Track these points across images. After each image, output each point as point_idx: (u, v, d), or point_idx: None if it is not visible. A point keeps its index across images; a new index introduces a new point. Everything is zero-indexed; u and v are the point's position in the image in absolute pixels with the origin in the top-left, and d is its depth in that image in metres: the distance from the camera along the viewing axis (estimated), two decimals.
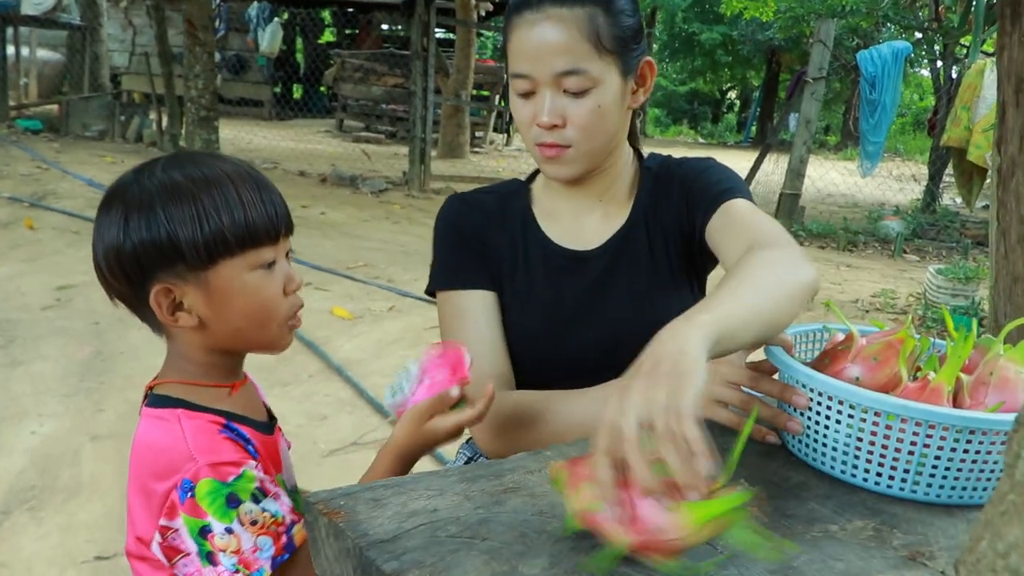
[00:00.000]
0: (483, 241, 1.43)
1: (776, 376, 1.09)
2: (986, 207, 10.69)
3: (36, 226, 6.66)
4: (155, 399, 1.12)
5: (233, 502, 1.03)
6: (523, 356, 1.41)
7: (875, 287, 7.03)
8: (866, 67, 8.55)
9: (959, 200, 9.91)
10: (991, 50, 9.05)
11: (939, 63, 11.27)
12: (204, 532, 1.01)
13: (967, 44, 9.98)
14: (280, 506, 1.07)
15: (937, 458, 0.94)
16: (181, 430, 1.06)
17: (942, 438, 0.93)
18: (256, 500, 1.04)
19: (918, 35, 12.40)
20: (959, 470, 0.95)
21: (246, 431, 1.11)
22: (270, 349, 1.17)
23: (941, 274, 5.99)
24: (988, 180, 8.06)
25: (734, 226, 1.28)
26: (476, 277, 1.41)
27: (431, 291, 1.46)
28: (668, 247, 1.44)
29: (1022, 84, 1.64)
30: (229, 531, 1.02)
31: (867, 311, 6.20)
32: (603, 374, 1.36)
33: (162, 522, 1.03)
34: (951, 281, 5.90)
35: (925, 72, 19.93)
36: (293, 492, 1.20)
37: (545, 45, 1.26)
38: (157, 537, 1.04)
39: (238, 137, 13.11)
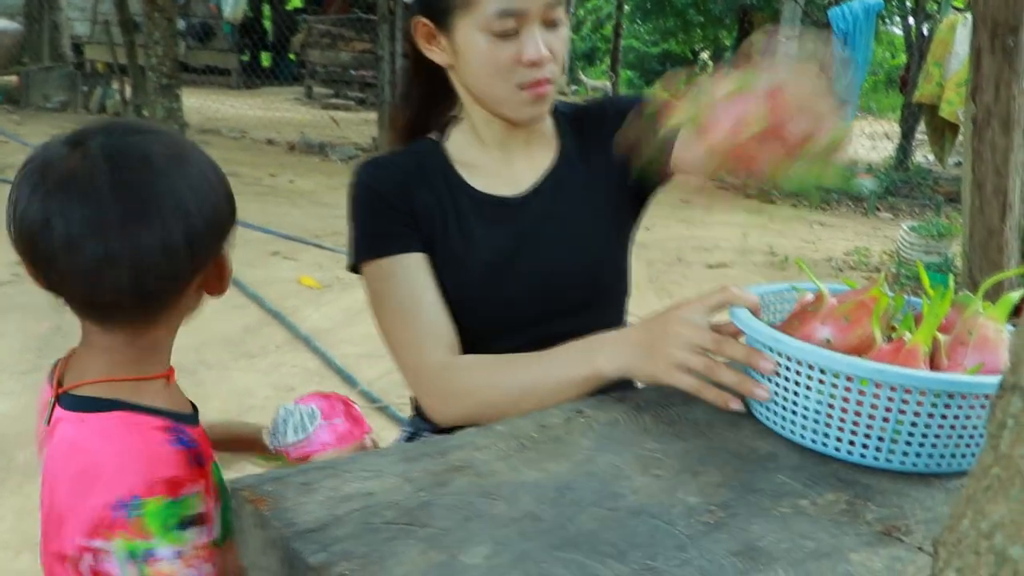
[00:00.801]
0: (409, 202, 1.32)
1: (742, 340, 1.02)
2: (958, 164, 10.69)
3: None
4: (79, 402, 0.98)
5: (185, 523, 0.93)
6: (465, 314, 1.32)
7: (848, 245, 7.01)
8: (838, 24, 8.46)
9: (931, 157, 9.89)
10: (962, 5, 8.99)
11: (910, 19, 11.20)
12: (146, 556, 0.91)
13: (938, 0, 9.92)
14: (217, 527, 0.99)
15: (914, 424, 0.88)
16: (125, 437, 0.95)
17: (919, 403, 0.87)
18: (202, 522, 0.96)
19: None
20: (937, 436, 0.89)
21: (192, 432, 1.01)
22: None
23: (914, 231, 5.97)
24: (960, 136, 8.03)
25: None
26: (408, 240, 1.31)
27: (356, 265, 1.34)
28: (607, 183, 1.41)
29: (999, 29, 1.57)
30: (179, 555, 0.92)
31: (840, 269, 6.18)
32: (550, 321, 1.32)
33: (86, 542, 0.92)
34: (924, 238, 5.88)
35: (896, 30, 19.84)
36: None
37: None
38: (88, 559, 0.93)
39: (204, 106, 12.88)
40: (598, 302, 1.42)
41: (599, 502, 0.82)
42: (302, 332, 4.21)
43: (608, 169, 1.40)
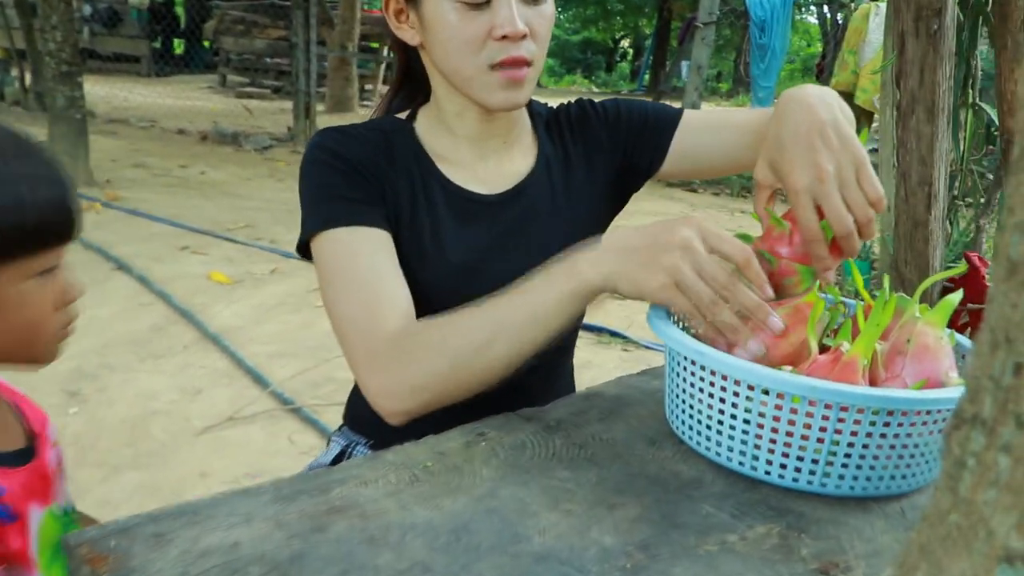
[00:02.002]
0: (379, 177, 1.16)
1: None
2: (873, 150, 10.89)
3: None
4: None
5: None
6: (423, 312, 1.11)
7: None
8: (755, 11, 8.52)
9: None
10: None
11: (825, 8, 11.35)
12: None
13: None
14: None
15: (851, 445, 0.79)
16: None
17: (856, 422, 0.78)
18: None
19: None
20: (875, 457, 0.80)
21: None
22: (30, 366, 0.94)
23: None
24: (876, 123, 8.15)
25: (711, 123, 1.30)
26: (371, 213, 1.13)
27: (308, 236, 1.13)
28: (587, 190, 1.30)
29: (922, 12, 1.51)
30: None
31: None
32: None
33: None
34: None
35: (812, 19, 20.21)
36: (69, 513, 0.99)
37: None
38: None
39: (112, 94, 12.42)
40: None
41: (500, 546, 0.71)
42: (211, 331, 4.02)
43: (589, 175, 1.30)
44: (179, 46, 20.11)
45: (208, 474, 2.84)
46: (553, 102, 1.42)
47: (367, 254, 1.10)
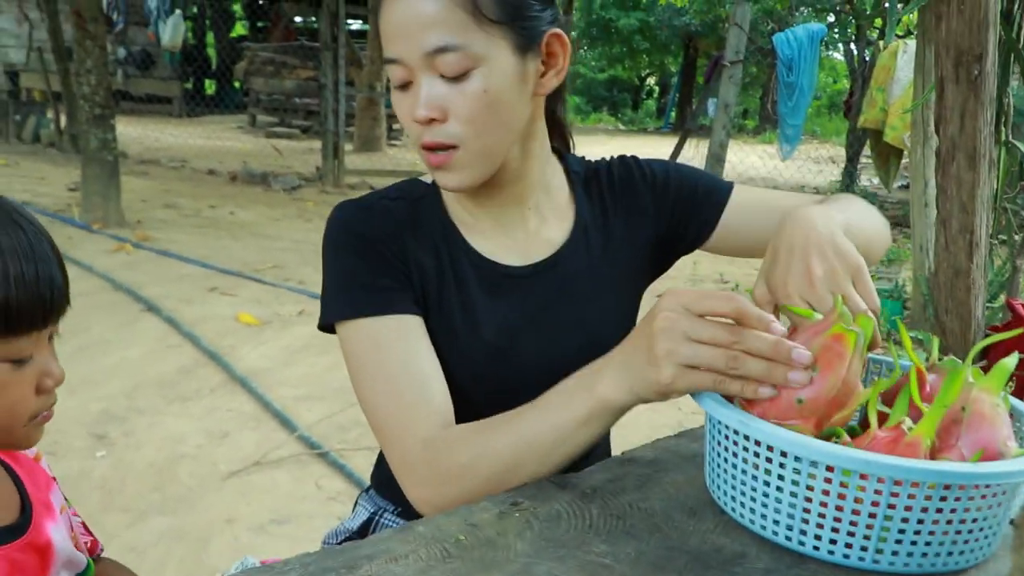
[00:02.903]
0: (403, 255, 1.12)
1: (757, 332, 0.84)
2: (903, 187, 10.80)
3: None
4: None
5: None
6: (457, 393, 1.11)
7: None
8: (783, 49, 8.50)
9: (876, 180, 9.96)
10: (901, 33, 9.09)
11: (852, 45, 11.34)
12: None
13: (879, 27, 10.03)
14: None
15: (904, 520, 0.75)
16: None
17: (910, 496, 0.74)
18: None
19: (831, 18, 12.47)
20: (931, 533, 0.76)
21: None
22: (12, 449, 0.92)
23: None
24: (905, 160, 8.09)
25: (762, 203, 1.27)
26: (400, 299, 1.10)
27: (329, 323, 1.12)
28: (627, 255, 1.24)
29: (963, 57, 1.48)
30: None
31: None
32: None
33: None
34: (873, 264, 5.85)
35: (837, 55, 20.20)
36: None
37: (411, 19, 1.00)
38: None
39: (144, 135, 12.63)
40: None
41: None
42: (238, 373, 4.02)
43: (628, 238, 1.25)
44: (210, 86, 20.42)
45: (235, 519, 2.81)
46: (581, 141, 1.38)
47: (396, 348, 1.07)
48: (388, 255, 1.11)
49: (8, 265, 0.81)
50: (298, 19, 19.38)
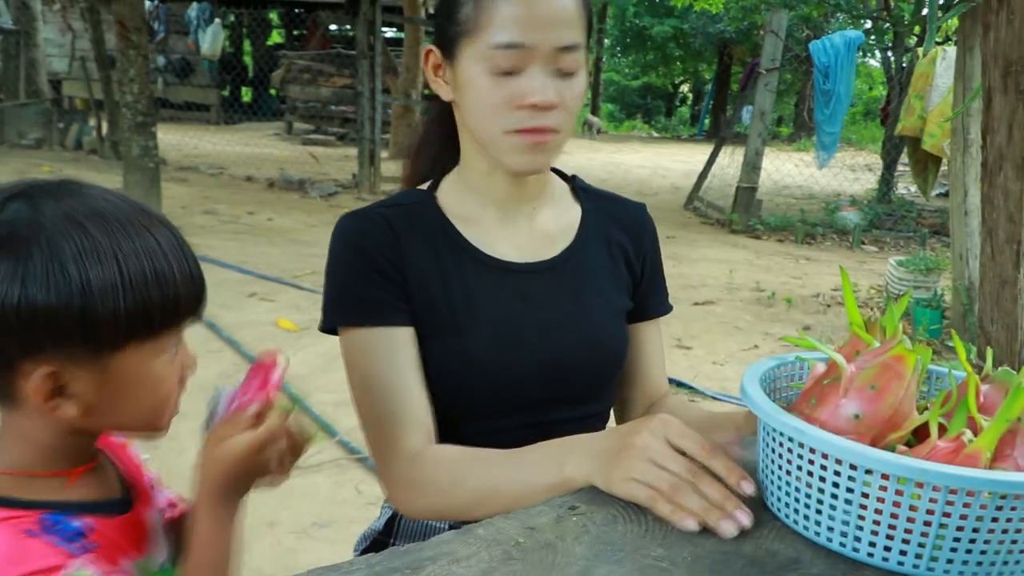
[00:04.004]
0: (400, 266, 1.19)
1: (720, 458, 0.92)
2: (941, 195, 10.70)
3: None
4: None
5: None
6: (463, 387, 1.20)
7: (835, 280, 6.94)
8: (819, 57, 8.46)
9: (913, 189, 9.88)
10: (940, 39, 9.02)
11: (890, 53, 11.24)
12: None
13: (918, 33, 9.95)
14: None
15: (959, 529, 0.76)
16: None
17: (965, 505, 0.75)
18: None
19: (868, 24, 12.38)
20: (986, 542, 0.77)
21: (82, 521, 0.87)
22: (147, 436, 0.97)
23: (902, 266, 5.90)
24: (943, 168, 8.02)
25: (656, 352, 1.40)
26: (393, 312, 1.17)
27: (326, 327, 1.22)
28: (615, 272, 1.32)
29: (1011, 67, 1.48)
30: None
31: (828, 305, 6.09)
32: (548, 408, 1.23)
33: None
34: (912, 273, 5.80)
35: (873, 62, 20.03)
36: (166, 570, 0.99)
37: (553, 13, 1.08)
38: None
39: (183, 142, 12.77)
40: (599, 396, 1.31)
41: None
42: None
43: (629, 272, 1.35)
44: (247, 94, 20.64)
45: (276, 523, 2.85)
46: (615, 148, 1.44)
47: (384, 360, 1.16)
48: (384, 265, 1.18)
49: (172, 263, 0.87)
50: (333, 27, 19.55)
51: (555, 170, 1.35)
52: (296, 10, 18.43)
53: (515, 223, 1.26)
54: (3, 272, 0.80)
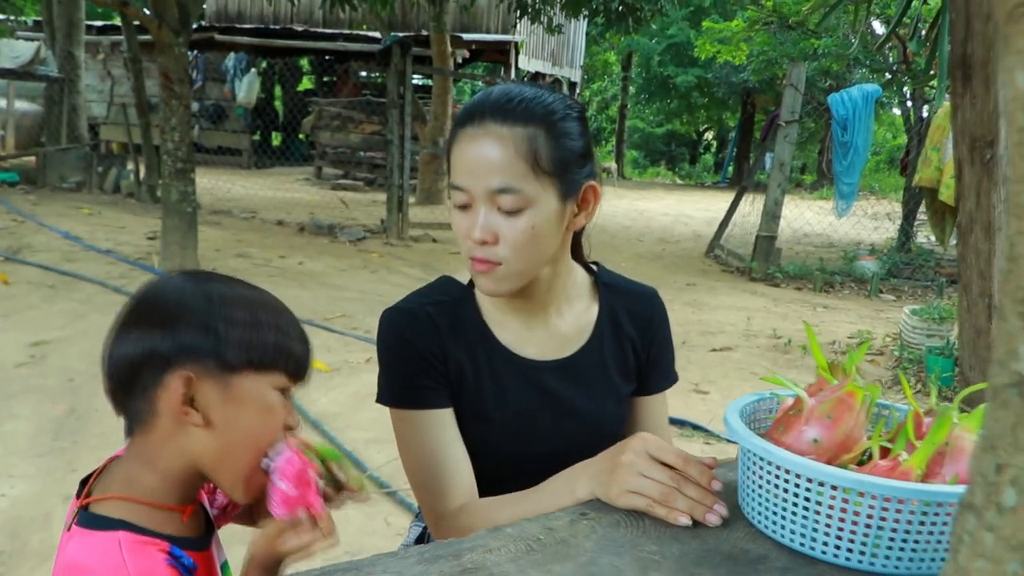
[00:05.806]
0: (443, 357, 1.39)
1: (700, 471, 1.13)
2: (957, 245, 10.77)
3: (11, 280, 6.61)
4: (90, 519, 1.00)
5: None
6: (484, 461, 1.41)
7: (851, 328, 7.07)
8: (837, 110, 8.65)
9: (933, 238, 10.01)
10: None
11: (909, 103, 11.43)
12: None
13: (935, 85, 10.13)
14: None
15: (893, 531, 0.95)
16: (122, 557, 0.96)
17: (897, 511, 0.94)
18: None
19: (887, 76, 12.59)
20: (916, 542, 0.95)
21: (191, 556, 1.04)
22: (230, 488, 1.09)
23: (916, 315, 6.03)
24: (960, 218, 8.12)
25: (660, 424, 1.57)
26: (435, 396, 1.38)
27: (383, 402, 1.41)
28: (623, 361, 1.51)
29: (976, 143, 1.67)
30: None
31: (844, 353, 6.22)
32: (552, 473, 1.39)
33: None
34: (926, 321, 5.94)
35: (896, 111, 20.23)
36: None
37: (482, 161, 1.26)
38: None
39: (217, 186, 13.11)
40: None
41: None
42: (312, 416, 4.27)
43: (635, 357, 1.52)
44: (276, 139, 21.07)
45: None
46: (639, 196, 1.62)
47: (431, 435, 1.37)
48: (430, 358, 1.38)
49: (292, 325, 1.09)
50: (362, 73, 19.96)
51: (586, 265, 1.53)
52: (327, 58, 18.88)
53: (535, 327, 1.45)
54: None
